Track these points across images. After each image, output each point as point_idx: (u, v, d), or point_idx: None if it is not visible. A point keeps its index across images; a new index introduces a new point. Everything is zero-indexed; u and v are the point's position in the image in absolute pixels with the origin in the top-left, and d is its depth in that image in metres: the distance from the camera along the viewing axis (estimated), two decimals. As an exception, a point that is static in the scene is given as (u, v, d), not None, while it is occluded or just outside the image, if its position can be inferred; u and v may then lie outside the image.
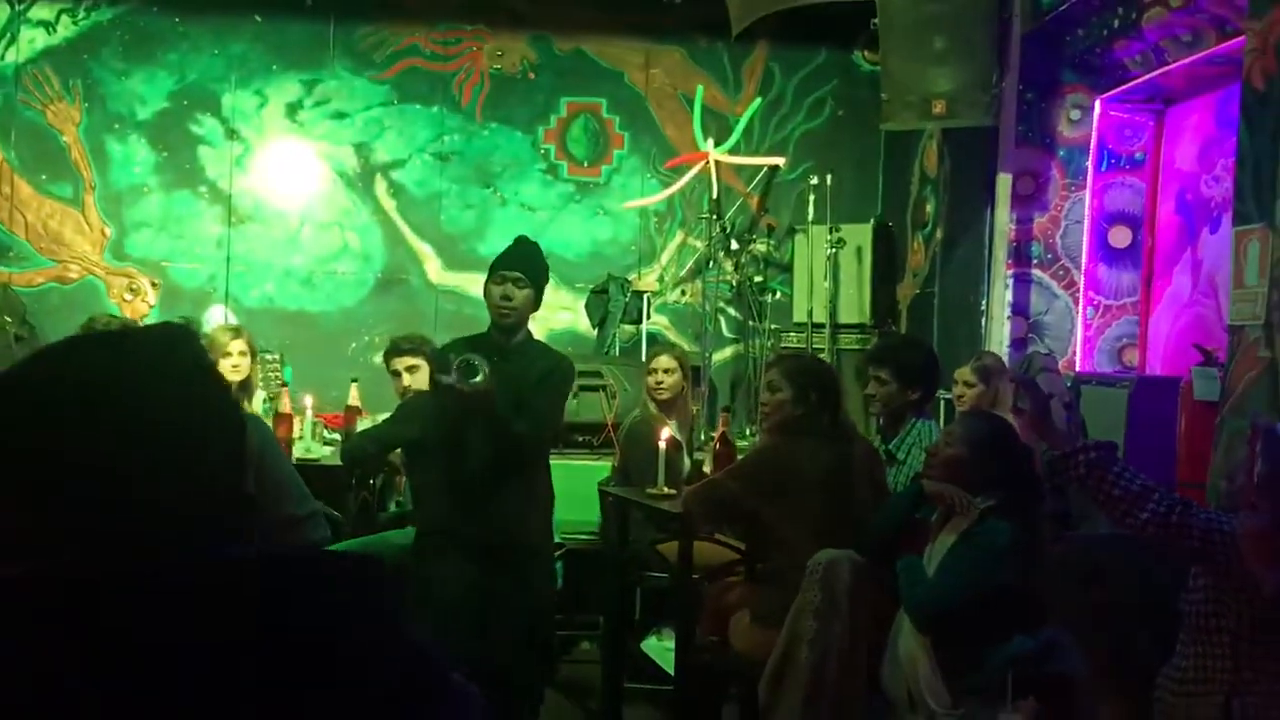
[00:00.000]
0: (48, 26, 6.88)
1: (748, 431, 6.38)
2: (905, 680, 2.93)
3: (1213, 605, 2.30)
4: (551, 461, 5.30)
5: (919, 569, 2.99)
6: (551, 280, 6.96)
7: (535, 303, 3.76)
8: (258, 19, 7.01)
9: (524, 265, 3.69)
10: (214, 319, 6.89)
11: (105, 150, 6.91)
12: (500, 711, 3.32)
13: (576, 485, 5.13)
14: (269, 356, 6.20)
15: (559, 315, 7.11)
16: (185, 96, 6.96)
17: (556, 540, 4.89)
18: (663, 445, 3.81)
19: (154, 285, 6.95)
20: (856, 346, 6.35)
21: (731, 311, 7.20)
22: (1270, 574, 1.99)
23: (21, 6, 6.84)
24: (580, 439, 5.50)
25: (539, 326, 7.03)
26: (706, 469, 4.14)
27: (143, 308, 6.93)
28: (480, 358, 3.38)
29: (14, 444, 0.90)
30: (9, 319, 6.42)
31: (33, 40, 6.86)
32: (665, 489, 3.77)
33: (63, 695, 0.80)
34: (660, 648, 4.18)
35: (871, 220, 6.77)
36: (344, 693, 0.88)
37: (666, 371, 4.42)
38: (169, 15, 6.94)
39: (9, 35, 6.83)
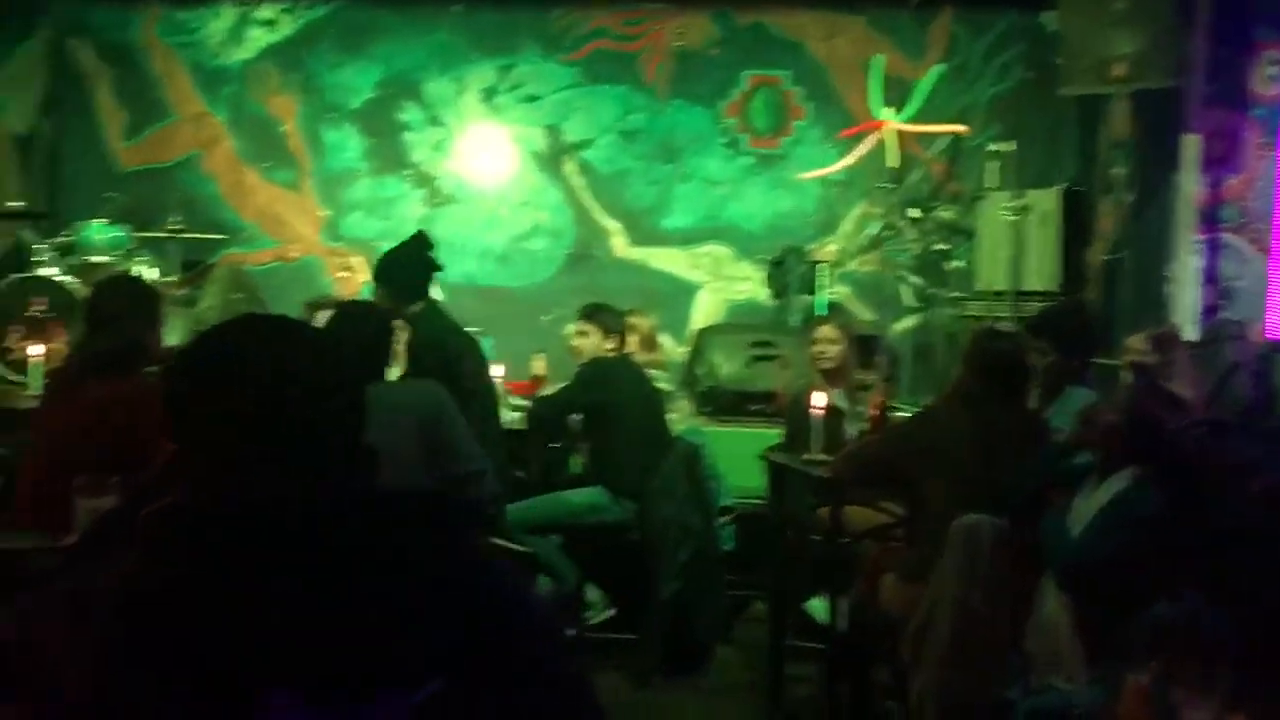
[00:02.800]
0: (270, 25, 7.49)
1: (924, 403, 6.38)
2: (1047, 640, 3.00)
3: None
4: (724, 429, 5.54)
5: (1063, 529, 3.05)
6: (731, 251, 7.25)
7: (387, 299, 4.26)
8: (457, 8, 7.42)
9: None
10: (418, 293, 7.37)
11: (320, 138, 7.49)
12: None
13: (748, 451, 5.30)
14: (471, 331, 6.58)
15: (739, 286, 7.28)
16: (391, 85, 7.46)
17: (729, 504, 5.10)
18: (817, 412, 3.95)
19: (366, 263, 7.50)
20: (1041, 314, 6.24)
21: (914, 279, 7.17)
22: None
23: (247, 8, 7.47)
24: (752, 407, 5.66)
25: (718, 297, 7.27)
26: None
27: (356, 284, 7.49)
28: None
29: (198, 398, 1.15)
30: (240, 295, 7.06)
31: (257, 38, 7.49)
32: (819, 455, 3.91)
33: (207, 601, 1.04)
34: (823, 608, 4.31)
35: (1059, 185, 6.61)
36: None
37: (830, 341, 4.52)
38: (377, 8, 7.44)
39: (237, 35, 7.48)
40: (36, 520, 2.75)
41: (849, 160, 7.00)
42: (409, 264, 4.39)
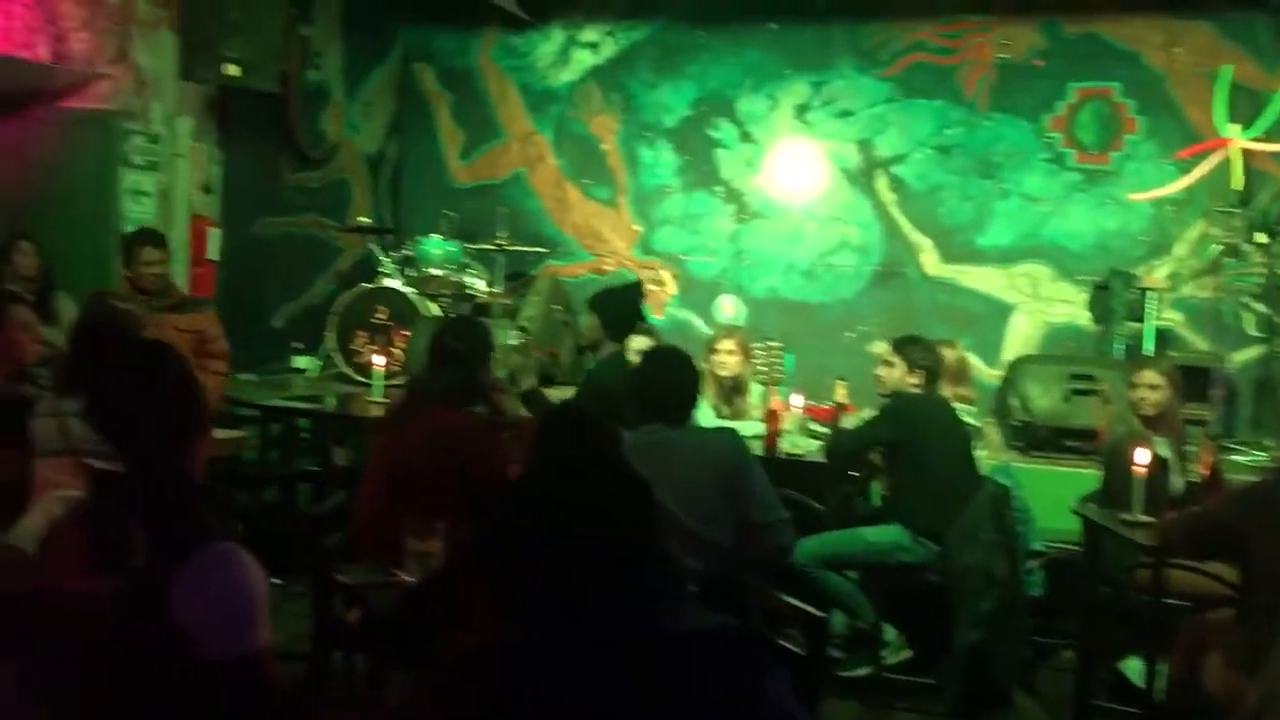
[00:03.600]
0: (593, 47, 7.82)
1: (1265, 444, 5.84)
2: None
3: None
4: (1037, 466, 5.30)
5: None
6: (1051, 271, 6.91)
7: (597, 329, 4.93)
8: (772, 26, 7.47)
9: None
10: (723, 308, 7.52)
11: (637, 156, 7.75)
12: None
13: (1062, 492, 5.04)
14: (772, 344, 6.60)
15: (1058, 308, 6.93)
16: (705, 103, 7.61)
17: (1039, 547, 4.87)
18: (1139, 470, 3.68)
19: (674, 277, 7.70)
20: None
21: (1258, 307, 6.56)
22: None
23: (573, 32, 7.83)
24: (1069, 444, 5.38)
25: (1035, 320, 6.94)
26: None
27: (664, 297, 7.72)
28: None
29: (508, 540, 1.22)
30: (557, 307, 7.44)
31: (581, 61, 7.84)
32: (1140, 516, 3.65)
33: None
34: (1138, 670, 4.05)
35: None
36: None
37: (1151, 388, 4.20)
38: (693, 29, 7.61)
39: (563, 58, 7.86)
40: (371, 545, 3.01)
41: (1188, 180, 6.49)
42: (621, 306, 4.96)
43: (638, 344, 4.85)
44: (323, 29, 7.18)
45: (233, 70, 5.90)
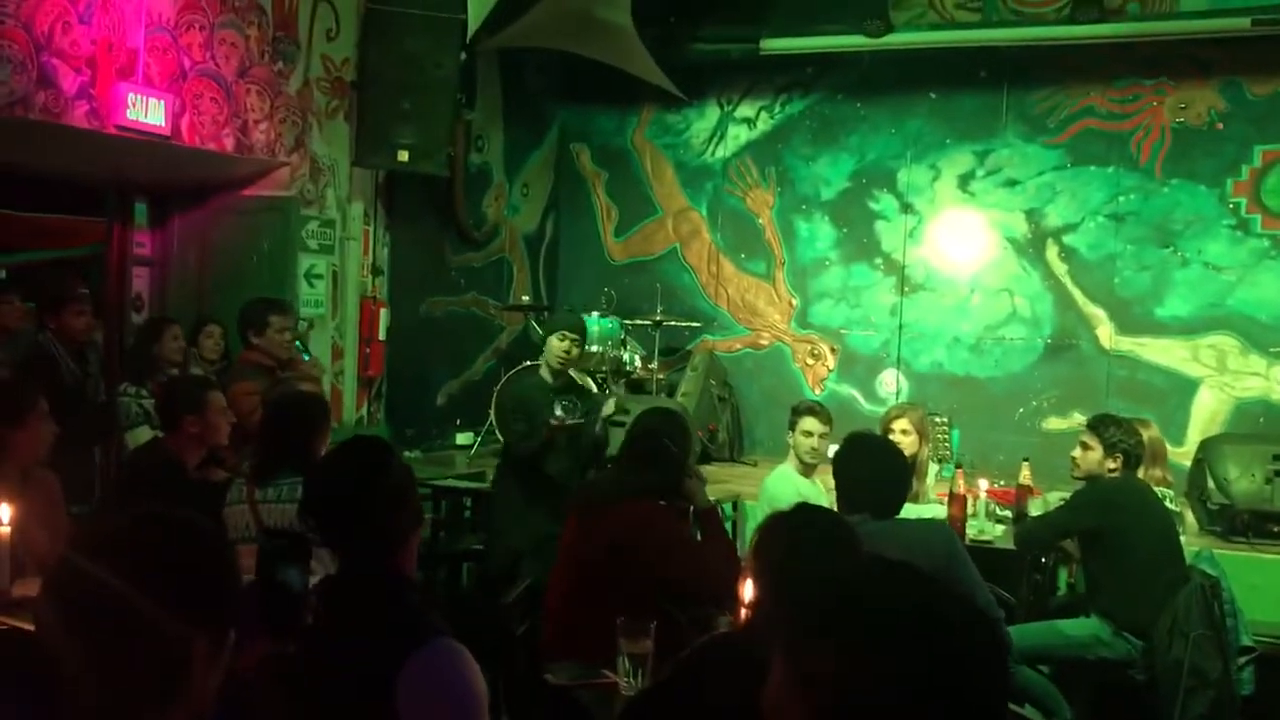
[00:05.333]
0: (749, 123, 7.81)
1: None
2: None
3: None
4: (1238, 553, 4.96)
5: None
6: (1239, 343, 6.55)
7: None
8: (933, 95, 7.34)
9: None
10: (886, 383, 7.33)
11: (793, 229, 7.67)
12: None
13: (1265, 580, 4.72)
14: (937, 419, 6.40)
15: (1247, 382, 6.54)
16: (864, 175, 7.50)
17: (1247, 643, 4.53)
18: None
19: (833, 351, 7.56)
20: None
21: None
22: None
23: (729, 108, 7.84)
24: (1275, 530, 5.02)
25: (1223, 395, 6.56)
26: None
27: (822, 371, 7.57)
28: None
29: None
30: (714, 382, 7.36)
31: (737, 136, 7.84)
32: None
33: None
34: (1377, 785, 3.69)
35: None
36: None
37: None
38: (852, 101, 7.53)
39: (719, 134, 7.87)
40: (565, 640, 2.93)
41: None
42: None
43: (808, 425, 4.70)
44: (485, 113, 7.33)
45: (404, 156, 6.05)
